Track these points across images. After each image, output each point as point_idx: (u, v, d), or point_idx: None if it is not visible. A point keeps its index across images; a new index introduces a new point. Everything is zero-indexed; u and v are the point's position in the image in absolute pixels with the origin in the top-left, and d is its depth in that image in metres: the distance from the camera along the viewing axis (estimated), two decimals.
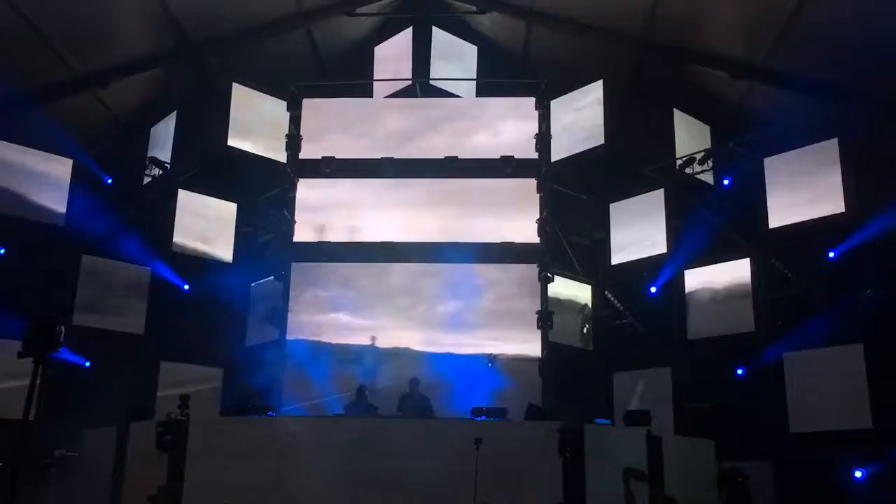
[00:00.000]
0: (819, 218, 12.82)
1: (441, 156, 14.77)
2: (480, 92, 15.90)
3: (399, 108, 15.53)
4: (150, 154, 15.07)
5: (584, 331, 14.80)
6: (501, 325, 14.05)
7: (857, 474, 11.94)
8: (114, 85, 14.69)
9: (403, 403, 12.03)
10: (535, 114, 15.08)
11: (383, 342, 14.13)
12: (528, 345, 13.91)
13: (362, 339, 14.17)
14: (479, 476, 9.28)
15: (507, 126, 15.14)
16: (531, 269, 14.25)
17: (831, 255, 12.83)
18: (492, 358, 13.71)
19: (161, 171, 14.92)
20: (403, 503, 9.74)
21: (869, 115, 12.85)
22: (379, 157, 14.84)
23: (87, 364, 13.64)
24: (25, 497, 7.87)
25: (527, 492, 9.67)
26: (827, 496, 11.35)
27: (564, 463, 10.18)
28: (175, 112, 14.97)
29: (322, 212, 14.93)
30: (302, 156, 15.09)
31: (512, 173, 14.69)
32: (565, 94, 14.96)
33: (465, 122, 15.29)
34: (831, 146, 12.91)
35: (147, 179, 15.08)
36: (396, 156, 14.84)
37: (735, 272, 13.76)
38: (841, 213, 12.62)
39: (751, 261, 13.64)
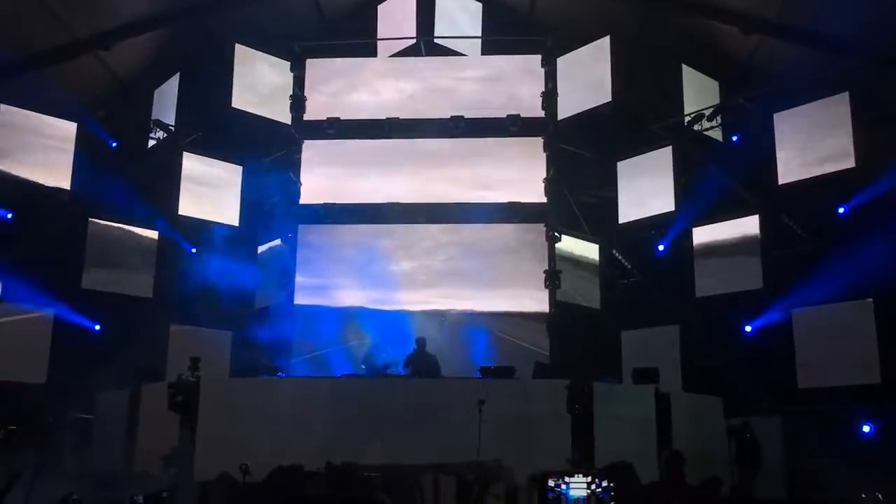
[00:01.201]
0: (829, 173, 12.72)
1: (447, 115, 14.63)
2: (486, 50, 15.68)
3: (403, 67, 15.36)
4: (154, 117, 14.97)
5: (591, 289, 14.79)
6: (511, 284, 14.07)
7: (866, 429, 12.00)
8: (116, 47, 14.55)
9: (411, 363, 12.06)
10: (542, 71, 14.88)
11: (391, 303, 14.15)
12: (535, 303, 13.92)
13: (371, 301, 14.19)
14: (488, 435, 9.35)
15: (513, 84, 14.94)
16: (538, 228, 14.19)
17: (841, 210, 12.75)
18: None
19: (165, 134, 14.84)
20: (413, 462, 9.79)
21: (881, 69, 12.65)
22: (384, 117, 14.72)
23: (98, 328, 13.73)
24: (40, 460, 7.98)
25: (536, 450, 9.72)
26: (835, 450, 11.39)
27: (573, 421, 10.25)
28: (178, 74, 14.85)
29: (328, 173, 14.86)
30: (306, 117, 14.98)
31: (518, 132, 14.56)
32: (571, 51, 14.76)
33: (470, 80, 15.13)
34: (842, 100, 12.74)
35: (152, 142, 15.01)
36: (401, 115, 14.71)
37: (743, 229, 13.69)
38: (851, 168, 12.49)
39: (759, 217, 13.56)
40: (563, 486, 2.75)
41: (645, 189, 14.70)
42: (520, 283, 14.05)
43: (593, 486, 2.77)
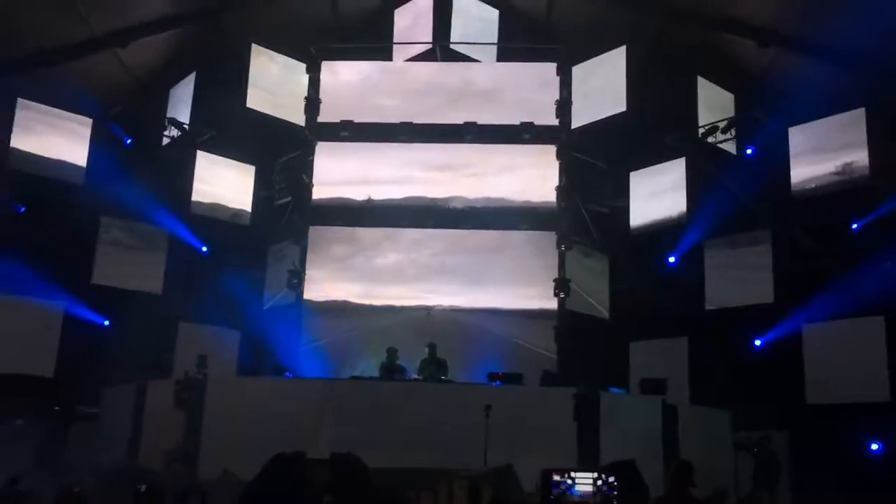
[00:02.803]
0: (843, 188, 12.64)
1: (460, 121, 14.65)
2: (501, 57, 15.71)
3: (418, 73, 15.39)
4: (169, 115, 15.03)
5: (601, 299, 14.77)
6: (520, 283, 14.16)
7: (874, 447, 11.89)
8: (133, 45, 14.61)
9: (422, 368, 12.04)
10: (557, 80, 14.92)
11: (402, 303, 14.18)
12: (543, 306, 14.03)
13: (381, 301, 14.25)
14: (493, 441, 9.32)
15: (528, 92, 14.99)
16: (549, 235, 14.21)
17: (854, 226, 12.66)
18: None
19: (180, 133, 14.90)
20: (421, 466, 9.76)
21: None
22: (397, 121, 14.75)
23: (107, 323, 13.78)
24: (48, 453, 8.01)
25: (540, 457, 9.66)
26: (842, 468, 11.31)
27: (579, 429, 10.21)
28: (194, 73, 14.91)
29: (340, 176, 14.92)
30: (320, 119, 15.05)
31: (531, 139, 14.57)
32: (587, 60, 14.75)
33: (485, 87, 15.16)
34: (859, 116, 12.68)
35: (166, 140, 15.06)
36: (415, 120, 14.74)
37: (755, 242, 13.63)
38: (865, 184, 12.42)
39: (772, 231, 13.50)
40: (569, 482, 2.74)
41: (657, 200, 14.65)
42: (528, 285, 14.09)
43: (599, 483, 2.76)
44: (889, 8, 11.46)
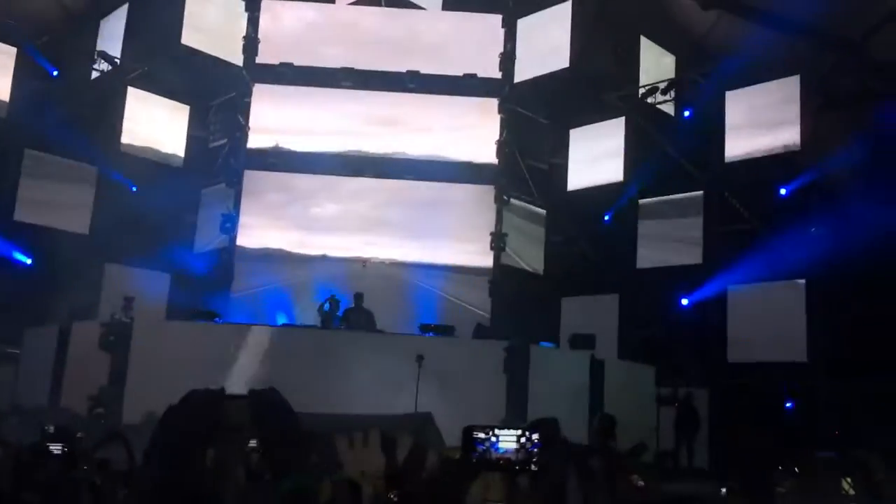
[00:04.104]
0: (775, 154, 12.95)
1: (403, 69, 14.43)
2: (447, 6, 15.45)
3: (362, 17, 15.06)
4: (99, 48, 14.42)
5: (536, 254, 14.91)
6: (458, 238, 14.15)
7: (788, 405, 12.39)
8: None
9: (348, 317, 11.97)
10: (502, 32, 14.76)
11: (338, 254, 14.08)
12: (478, 260, 14.07)
13: (316, 251, 14.12)
14: (423, 390, 9.40)
15: (472, 43, 14.80)
16: (488, 189, 14.22)
17: (783, 191, 12.99)
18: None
19: (110, 67, 14.32)
20: (346, 416, 9.79)
21: (832, 55, 12.84)
22: (338, 66, 14.45)
23: (30, 261, 13.32)
24: None
25: (469, 408, 9.79)
26: (759, 424, 11.75)
27: (508, 382, 10.36)
28: (127, 5, 14.28)
29: (279, 122, 14.60)
30: (259, 60, 14.62)
31: (474, 91, 14.45)
32: (533, 13, 14.63)
33: (429, 37, 14.92)
34: (793, 83, 12.94)
35: (96, 74, 14.47)
36: (356, 66, 14.46)
37: (688, 204, 13.90)
38: (796, 151, 12.74)
39: (704, 193, 13.77)
40: (493, 440, 2.74)
41: (595, 158, 14.77)
42: (466, 241, 14.11)
43: (522, 440, 2.77)
44: None
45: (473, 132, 14.49)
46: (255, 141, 14.49)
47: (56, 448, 4.25)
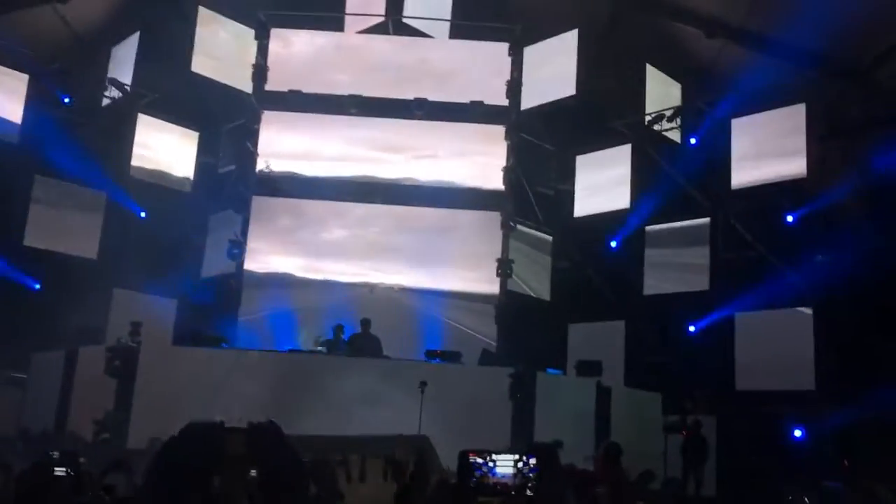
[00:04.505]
0: (781, 182, 12.96)
1: (410, 96, 14.54)
2: (454, 34, 15.59)
3: (370, 44, 15.21)
4: (110, 75, 14.58)
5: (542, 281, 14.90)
6: (464, 266, 14.16)
7: (797, 433, 12.28)
8: (75, 0, 14.12)
9: (354, 343, 11.96)
10: (508, 60, 14.88)
11: (345, 279, 14.12)
12: (484, 287, 14.05)
13: (324, 276, 14.16)
14: (429, 417, 9.36)
15: (479, 71, 14.90)
16: (494, 216, 14.26)
17: (789, 219, 12.98)
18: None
19: (121, 94, 14.48)
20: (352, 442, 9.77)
21: (837, 83, 12.89)
22: (346, 93, 14.57)
23: (37, 286, 13.38)
24: None
25: (475, 435, 9.74)
26: (767, 452, 11.66)
27: (514, 408, 10.32)
28: (138, 33, 14.46)
29: (287, 148, 14.70)
30: (268, 87, 14.75)
31: (480, 119, 14.55)
32: (540, 41, 14.75)
33: (436, 64, 15.04)
34: (798, 111, 12.97)
35: (107, 101, 14.63)
36: (364, 94, 14.58)
37: (694, 231, 13.90)
38: (802, 178, 12.75)
39: (711, 220, 13.77)
40: (491, 464, 2.74)
41: (601, 185, 14.81)
42: (472, 268, 14.12)
43: (519, 465, 2.77)
44: (833, 4, 11.69)
45: (480, 159, 14.56)
46: (263, 167, 14.57)
47: (60, 471, 4.26)
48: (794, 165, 12.85)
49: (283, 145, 14.69)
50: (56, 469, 4.25)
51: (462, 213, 14.39)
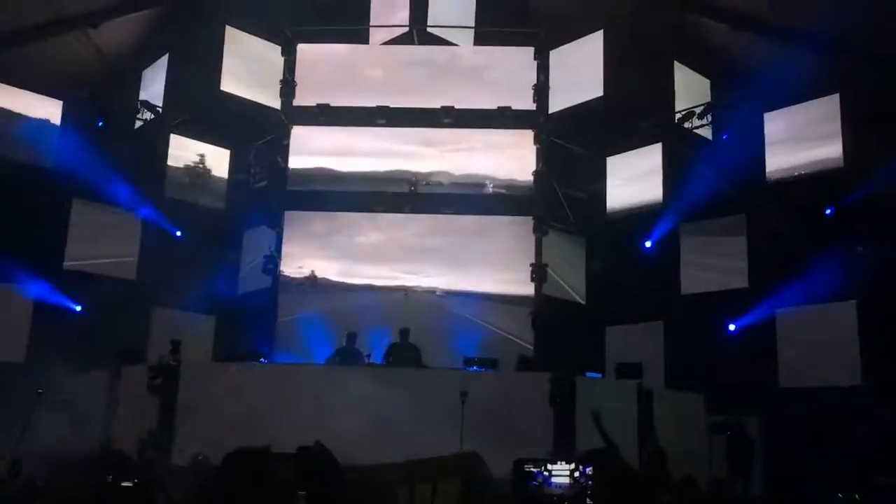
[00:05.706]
0: (817, 174, 12.74)
1: (437, 105, 14.57)
2: (479, 41, 15.59)
3: (395, 56, 15.27)
4: (141, 97, 14.79)
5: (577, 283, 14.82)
6: (499, 268, 14.21)
7: (844, 429, 12.01)
8: (105, 26, 14.36)
9: (393, 353, 11.98)
10: (534, 64, 14.85)
11: (380, 283, 14.25)
12: (521, 290, 14.05)
13: (359, 280, 14.27)
14: (469, 426, 9.32)
15: (506, 76, 14.91)
16: (526, 220, 14.23)
17: (828, 211, 12.76)
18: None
19: (153, 115, 14.69)
20: (392, 454, 9.74)
21: (871, 70, 12.65)
22: (374, 105, 14.64)
23: (79, 308, 13.59)
24: (14, 439, 7.88)
25: (517, 442, 9.68)
26: (815, 452, 11.44)
27: (555, 414, 10.24)
28: (167, 55, 14.68)
29: (315, 160, 14.81)
30: (296, 102, 14.91)
31: (509, 124, 14.52)
32: (565, 44, 14.70)
33: (462, 70, 15.07)
34: (832, 101, 12.76)
35: (139, 123, 14.84)
36: (392, 104, 14.64)
37: (730, 227, 13.72)
38: (839, 169, 12.53)
39: (746, 216, 13.58)
40: (545, 474, 2.70)
41: (634, 185, 14.68)
42: (507, 270, 14.18)
43: (576, 475, 2.72)
44: None
45: (510, 164, 14.54)
46: (294, 181, 14.69)
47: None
48: (830, 156, 12.64)
49: (311, 159, 14.81)
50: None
51: (494, 219, 14.41)
